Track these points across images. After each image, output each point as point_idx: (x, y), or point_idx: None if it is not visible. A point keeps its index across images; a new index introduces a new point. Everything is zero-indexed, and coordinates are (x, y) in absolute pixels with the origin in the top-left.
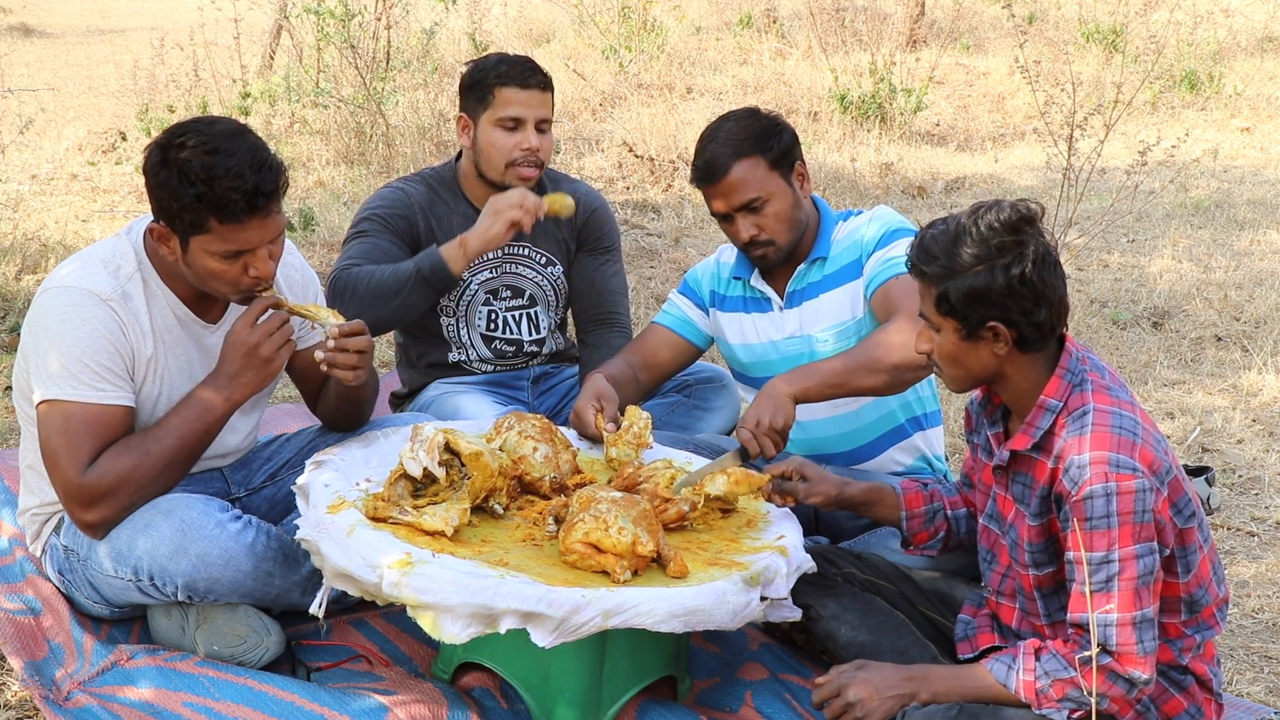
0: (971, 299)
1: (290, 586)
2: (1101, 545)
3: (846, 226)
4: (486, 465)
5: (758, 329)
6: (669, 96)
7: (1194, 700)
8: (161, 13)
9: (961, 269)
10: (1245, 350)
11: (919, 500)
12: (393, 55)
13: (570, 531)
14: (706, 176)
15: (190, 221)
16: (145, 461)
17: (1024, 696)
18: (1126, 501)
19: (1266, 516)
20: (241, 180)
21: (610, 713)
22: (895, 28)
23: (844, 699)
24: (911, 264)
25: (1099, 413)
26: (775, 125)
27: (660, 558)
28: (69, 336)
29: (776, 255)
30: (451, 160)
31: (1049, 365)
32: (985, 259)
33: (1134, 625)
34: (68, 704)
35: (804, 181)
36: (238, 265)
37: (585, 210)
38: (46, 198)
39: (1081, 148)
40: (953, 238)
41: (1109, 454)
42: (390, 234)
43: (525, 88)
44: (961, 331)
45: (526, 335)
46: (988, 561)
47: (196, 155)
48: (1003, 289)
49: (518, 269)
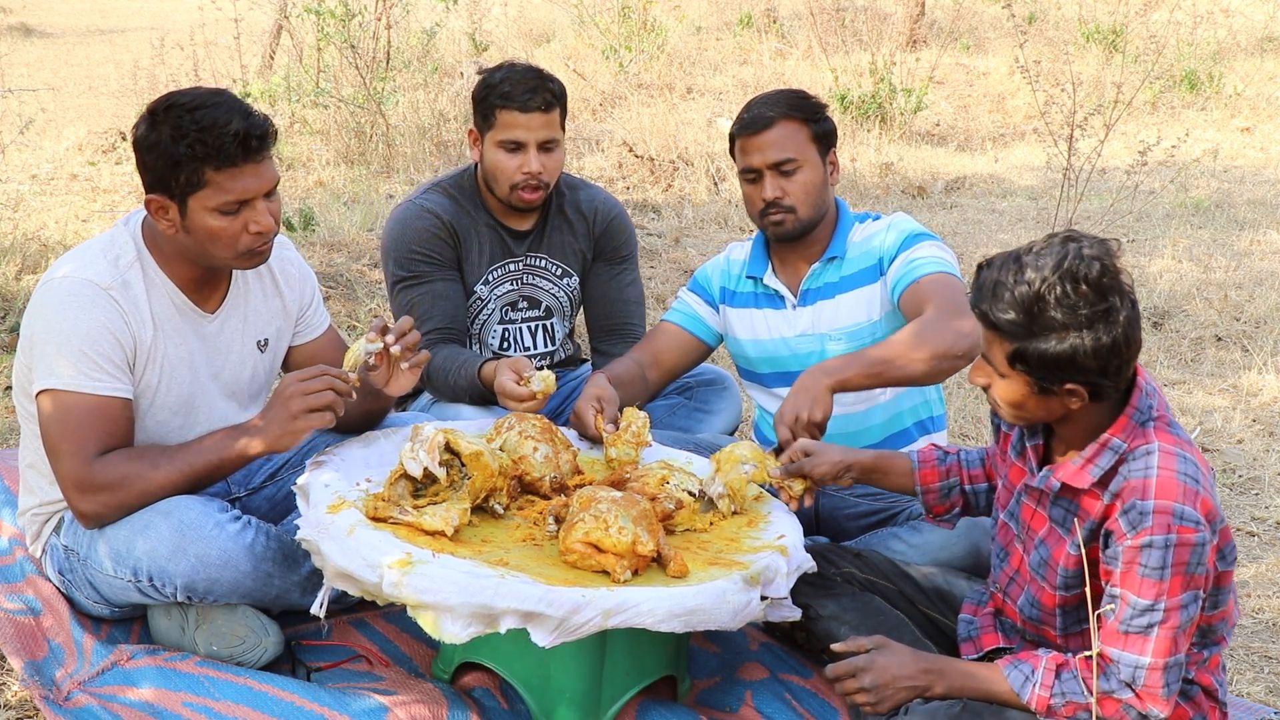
0: (1054, 363)
1: (290, 587)
2: (1150, 594)
3: (863, 229)
4: (487, 465)
5: (769, 325)
6: (669, 96)
7: (1200, 709)
8: (161, 13)
9: (1043, 332)
10: (1245, 350)
11: (934, 476)
12: (393, 55)
13: (570, 531)
14: (748, 125)
15: (187, 180)
16: (150, 475)
17: (1035, 708)
18: (1184, 554)
19: (1266, 516)
20: (231, 124)
21: (610, 713)
22: (895, 28)
23: (859, 682)
24: (979, 311)
25: (1164, 454)
26: (824, 106)
27: (660, 557)
28: (69, 326)
29: (794, 226)
30: (471, 165)
31: (1118, 404)
32: (1073, 327)
33: (1164, 670)
34: (68, 704)
35: (835, 170)
36: (238, 222)
37: (604, 219)
38: (46, 198)
39: (1081, 148)
40: (1035, 295)
41: (1175, 504)
42: (439, 269)
43: (525, 110)
44: (1034, 387)
45: (541, 347)
46: (1000, 558)
47: (184, 113)
48: (1089, 357)
49: (535, 280)
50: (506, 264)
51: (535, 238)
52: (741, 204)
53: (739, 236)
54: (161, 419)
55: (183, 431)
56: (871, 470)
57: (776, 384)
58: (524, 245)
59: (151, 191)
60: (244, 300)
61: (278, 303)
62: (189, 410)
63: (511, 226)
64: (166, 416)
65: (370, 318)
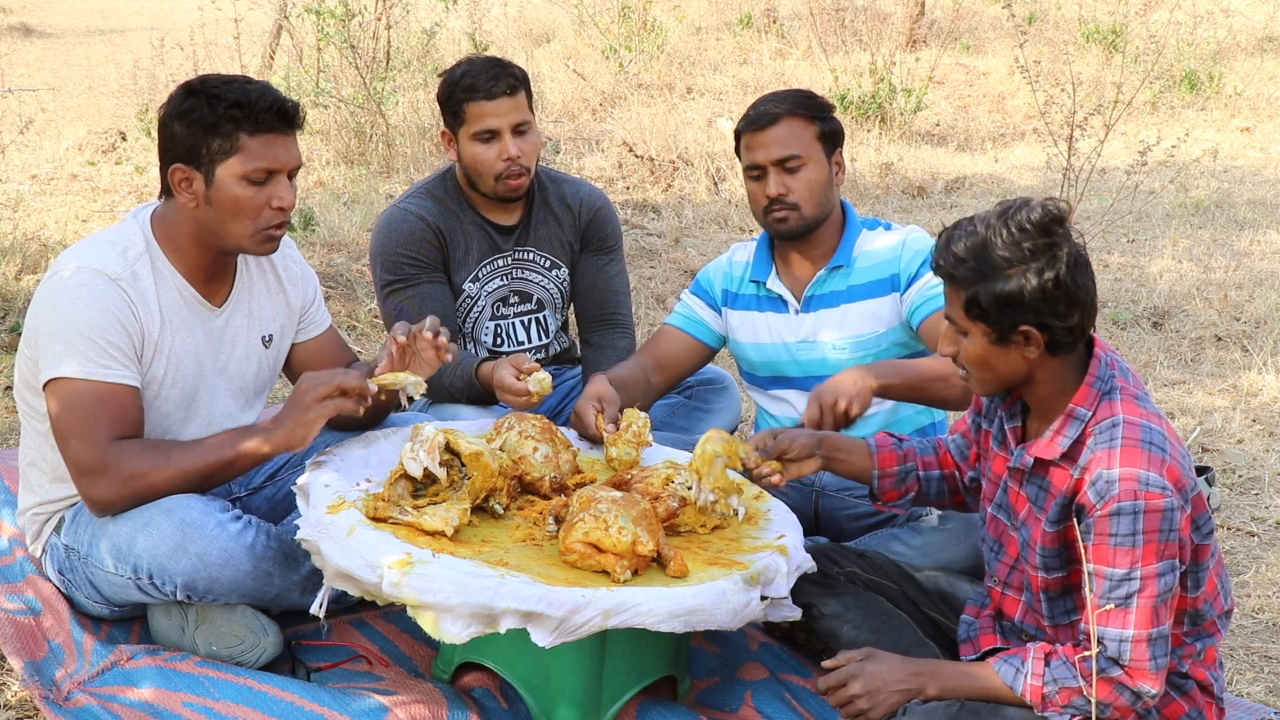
0: (1003, 303)
1: (290, 587)
2: (1125, 563)
3: (872, 238)
4: (487, 465)
5: (770, 328)
6: (669, 96)
7: (1195, 704)
8: (161, 13)
9: (992, 273)
10: (1245, 350)
11: (892, 460)
12: (393, 55)
13: (570, 531)
14: (754, 121)
15: (219, 147)
16: (164, 467)
17: (1030, 699)
18: (1154, 520)
19: (1266, 516)
20: (268, 94)
21: (610, 712)
22: (895, 28)
23: (850, 690)
24: (936, 265)
25: (1129, 425)
26: (831, 106)
27: (660, 557)
28: (78, 314)
29: (798, 223)
30: (451, 167)
31: (1079, 369)
32: (1017, 262)
33: (1149, 642)
34: (68, 704)
35: (840, 171)
36: (263, 194)
37: (589, 210)
38: (46, 198)
39: (1081, 148)
40: (982, 240)
41: (1139, 471)
42: (426, 272)
43: (492, 98)
44: (992, 335)
45: (535, 340)
46: (994, 551)
47: (221, 84)
48: (1036, 292)
49: (525, 274)
50: (495, 260)
51: (522, 231)
52: (741, 204)
53: (739, 236)
54: (165, 410)
55: (184, 424)
56: (836, 450)
57: (776, 387)
58: (511, 240)
59: (178, 161)
60: (249, 295)
61: (281, 299)
62: (191, 403)
63: (498, 222)
64: (170, 409)
65: (371, 318)
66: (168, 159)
